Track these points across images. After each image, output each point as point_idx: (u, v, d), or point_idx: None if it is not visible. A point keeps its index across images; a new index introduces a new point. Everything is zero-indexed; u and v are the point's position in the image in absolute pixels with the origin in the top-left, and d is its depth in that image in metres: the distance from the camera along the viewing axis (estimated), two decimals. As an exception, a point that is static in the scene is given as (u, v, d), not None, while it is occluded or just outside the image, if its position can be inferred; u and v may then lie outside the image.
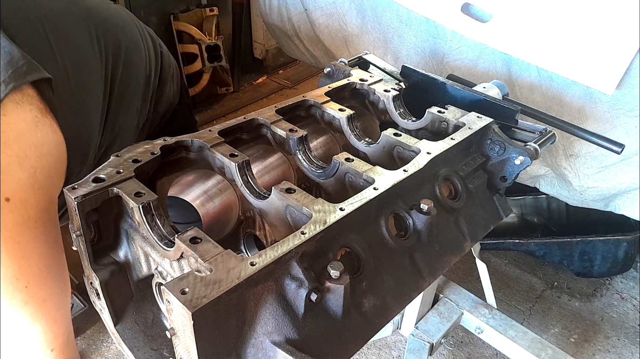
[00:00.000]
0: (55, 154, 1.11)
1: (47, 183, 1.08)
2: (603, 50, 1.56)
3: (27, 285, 1.07)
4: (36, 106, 1.06)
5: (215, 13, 4.04)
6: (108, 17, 1.53)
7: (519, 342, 1.86)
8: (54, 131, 1.11)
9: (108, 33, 1.46)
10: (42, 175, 1.06)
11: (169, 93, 1.78)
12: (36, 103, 1.06)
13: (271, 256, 0.81)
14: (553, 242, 2.61)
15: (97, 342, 2.33)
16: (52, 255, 1.13)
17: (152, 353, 1.06)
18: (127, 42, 1.54)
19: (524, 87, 1.86)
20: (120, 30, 1.54)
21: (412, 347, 1.93)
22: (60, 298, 1.19)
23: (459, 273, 2.74)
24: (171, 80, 1.80)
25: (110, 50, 1.45)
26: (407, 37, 2.14)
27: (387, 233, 1.05)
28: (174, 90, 1.83)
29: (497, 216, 1.40)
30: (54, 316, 1.17)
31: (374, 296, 1.00)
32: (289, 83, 4.82)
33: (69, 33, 1.32)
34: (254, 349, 0.85)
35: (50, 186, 1.10)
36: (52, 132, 1.10)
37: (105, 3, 1.65)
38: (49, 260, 1.12)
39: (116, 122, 1.51)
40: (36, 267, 1.08)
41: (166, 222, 0.93)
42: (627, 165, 1.77)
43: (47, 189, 1.09)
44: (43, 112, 1.08)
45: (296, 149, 1.22)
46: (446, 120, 1.34)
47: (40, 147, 1.06)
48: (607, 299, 2.65)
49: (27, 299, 1.09)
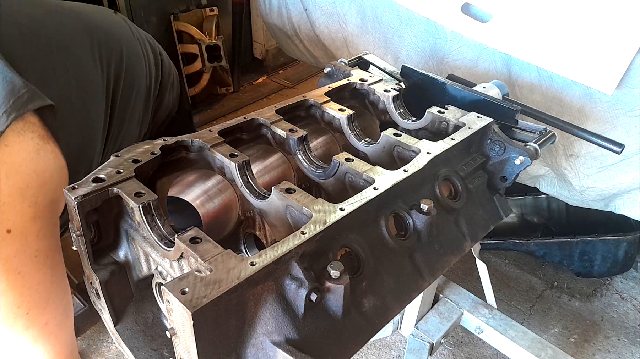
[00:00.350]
0: (57, 180, 1.11)
1: (48, 210, 1.09)
2: (603, 50, 1.56)
3: (29, 311, 1.08)
4: (38, 133, 1.06)
5: (215, 13, 4.04)
6: (110, 31, 1.53)
7: (519, 342, 1.86)
8: (56, 156, 1.11)
9: (110, 48, 1.46)
10: (44, 203, 1.07)
11: (168, 102, 1.78)
12: (38, 131, 1.07)
13: (271, 256, 0.81)
14: (553, 242, 2.61)
15: (97, 342, 2.33)
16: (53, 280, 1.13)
17: (152, 353, 1.06)
18: (129, 54, 1.54)
19: (524, 87, 1.86)
20: (122, 43, 1.54)
21: (412, 347, 1.93)
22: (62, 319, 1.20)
23: (459, 273, 2.74)
24: (171, 88, 1.80)
25: (113, 66, 1.45)
26: (407, 37, 2.14)
27: (387, 233, 1.05)
28: (173, 97, 1.83)
29: (497, 216, 1.40)
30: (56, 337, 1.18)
31: (374, 296, 1.00)
32: (289, 83, 4.82)
33: (73, 53, 1.33)
34: (254, 349, 0.85)
35: (51, 213, 1.11)
36: (53, 158, 1.10)
37: (107, 15, 1.65)
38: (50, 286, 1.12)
39: (119, 134, 1.51)
40: (37, 294, 1.09)
41: (166, 222, 0.93)
42: (627, 165, 1.77)
43: (49, 216, 1.09)
44: (45, 138, 1.08)
45: (296, 149, 1.22)
46: (446, 120, 1.34)
47: (42, 174, 1.06)
48: (607, 299, 2.65)
49: (28, 325, 1.10)
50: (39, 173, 1.06)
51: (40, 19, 1.29)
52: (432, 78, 1.53)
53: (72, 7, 1.50)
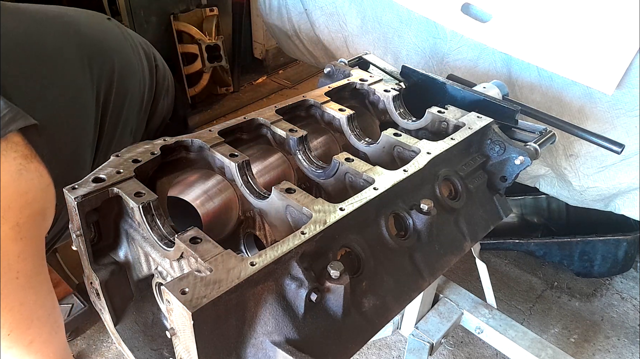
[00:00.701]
0: (41, 200, 1.09)
1: (31, 231, 1.07)
2: (603, 50, 1.56)
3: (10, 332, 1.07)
4: (21, 153, 1.05)
5: (215, 13, 4.05)
6: (102, 42, 1.51)
7: (519, 342, 1.86)
8: (40, 175, 1.09)
9: (101, 60, 1.44)
10: (26, 225, 1.05)
11: (162, 108, 1.75)
12: (21, 150, 1.05)
13: (271, 256, 0.81)
14: (553, 242, 2.61)
15: (97, 342, 2.33)
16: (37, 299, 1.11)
17: (152, 353, 1.06)
18: (120, 64, 1.52)
19: (524, 87, 1.86)
20: (113, 53, 1.52)
21: (412, 347, 1.93)
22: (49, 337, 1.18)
23: (459, 273, 2.74)
24: (165, 94, 1.77)
25: (104, 79, 1.43)
26: (407, 37, 2.14)
27: (387, 233, 1.05)
28: (168, 103, 1.80)
29: (497, 216, 1.40)
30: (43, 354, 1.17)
31: (374, 296, 1.00)
32: (289, 83, 4.82)
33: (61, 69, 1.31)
34: (254, 349, 0.85)
35: (34, 233, 1.09)
36: (37, 177, 1.08)
37: (98, 22, 1.62)
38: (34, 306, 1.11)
39: (109, 147, 1.49)
40: (19, 315, 1.08)
41: (166, 222, 0.93)
42: (627, 165, 1.77)
43: (32, 237, 1.08)
44: (28, 157, 1.06)
45: (296, 149, 1.22)
46: (446, 120, 1.34)
47: (25, 195, 1.04)
48: (607, 299, 2.65)
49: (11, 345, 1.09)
50: (22, 194, 1.04)
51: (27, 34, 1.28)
52: (432, 78, 1.53)
53: (61, 16, 1.47)
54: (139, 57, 1.64)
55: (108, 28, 1.63)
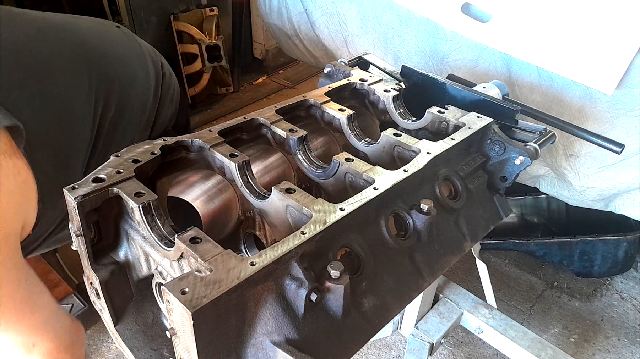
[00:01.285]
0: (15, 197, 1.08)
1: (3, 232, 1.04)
2: (603, 50, 1.56)
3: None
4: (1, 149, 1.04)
5: (215, 13, 4.05)
6: (105, 52, 1.50)
7: (519, 342, 1.86)
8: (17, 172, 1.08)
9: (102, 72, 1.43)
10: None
11: (164, 118, 1.75)
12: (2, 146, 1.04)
13: (271, 256, 0.81)
14: (553, 242, 2.61)
15: (97, 342, 2.33)
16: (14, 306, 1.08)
17: (152, 353, 1.06)
18: (123, 72, 1.51)
19: (524, 87, 1.86)
20: (117, 63, 1.51)
21: (412, 347, 1.93)
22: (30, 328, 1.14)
23: (459, 273, 2.74)
24: (169, 103, 1.77)
25: (102, 90, 1.42)
26: (407, 37, 2.14)
27: (387, 233, 1.05)
28: (171, 112, 1.79)
29: (497, 216, 1.40)
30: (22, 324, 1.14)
31: (374, 296, 1.00)
32: (289, 83, 4.82)
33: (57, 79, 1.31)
34: (254, 349, 0.85)
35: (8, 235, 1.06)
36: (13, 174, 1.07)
37: (104, 31, 1.61)
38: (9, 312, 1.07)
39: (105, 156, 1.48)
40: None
41: (166, 222, 0.93)
42: (627, 165, 1.77)
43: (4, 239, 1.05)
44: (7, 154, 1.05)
45: (296, 149, 1.22)
46: (446, 120, 1.34)
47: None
48: (607, 299, 2.65)
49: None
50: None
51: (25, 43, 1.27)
52: (432, 78, 1.53)
53: (65, 24, 1.46)
54: (144, 65, 1.64)
55: (113, 36, 1.62)
